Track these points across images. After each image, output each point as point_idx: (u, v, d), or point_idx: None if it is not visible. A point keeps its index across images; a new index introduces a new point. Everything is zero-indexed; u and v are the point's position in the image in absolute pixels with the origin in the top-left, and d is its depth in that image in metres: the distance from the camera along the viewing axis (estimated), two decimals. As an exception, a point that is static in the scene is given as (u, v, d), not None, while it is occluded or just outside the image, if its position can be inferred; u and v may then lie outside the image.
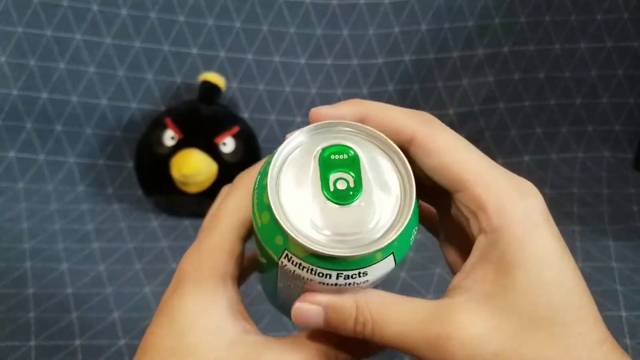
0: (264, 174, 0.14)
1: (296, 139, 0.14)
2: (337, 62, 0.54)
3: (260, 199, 0.13)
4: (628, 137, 0.58)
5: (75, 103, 0.52)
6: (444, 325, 0.13)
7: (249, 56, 0.53)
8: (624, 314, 0.34)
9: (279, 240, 0.13)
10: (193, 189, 0.44)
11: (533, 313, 0.13)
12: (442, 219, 0.17)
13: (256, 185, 0.14)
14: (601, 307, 0.39)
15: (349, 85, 0.54)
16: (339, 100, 0.54)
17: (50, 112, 0.52)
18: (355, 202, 0.13)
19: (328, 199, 0.13)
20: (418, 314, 0.13)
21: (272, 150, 0.15)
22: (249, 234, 0.17)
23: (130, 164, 0.52)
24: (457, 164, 0.14)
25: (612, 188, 0.53)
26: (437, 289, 0.37)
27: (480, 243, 0.13)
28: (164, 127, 0.45)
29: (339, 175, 0.13)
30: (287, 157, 0.14)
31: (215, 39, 0.53)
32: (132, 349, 0.31)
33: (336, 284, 0.13)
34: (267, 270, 0.16)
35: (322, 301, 0.14)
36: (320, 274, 0.13)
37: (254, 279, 0.22)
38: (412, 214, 0.13)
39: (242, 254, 0.17)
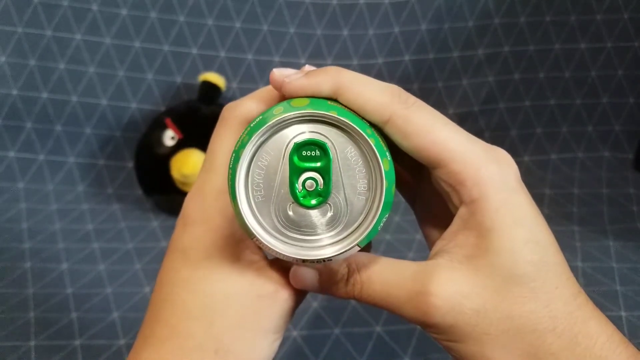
0: (236, 159, 0.14)
1: (272, 126, 0.13)
2: (337, 62, 0.54)
3: (232, 187, 0.14)
4: (628, 137, 0.58)
5: (75, 103, 0.52)
6: (425, 283, 0.13)
7: (249, 56, 0.53)
8: (623, 314, 0.34)
9: (248, 230, 0.14)
10: (193, 189, 0.44)
11: (512, 271, 0.13)
12: (420, 188, 0.17)
13: (230, 164, 0.14)
14: (601, 307, 0.39)
15: (349, 85, 0.54)
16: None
17: (51, 112, 0.52)
18: (322, 205, 0.13)
19: (296, 202, 0.13)
20: (402, 275, 0.14)
21: None
22: None
23: (130, 164, 0.52)
24: (435, 144, 0.14)
25: (612, 188, 0.53)
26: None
27: (461, 213, 0.14)
28: (164, 127, 0.45)
29: (309, 175, 0.13)
30: (259, 148, 0.13)
31: (215, 39, 0.53)
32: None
33: (305, 261, 0.14)
34: None
35: (317, 266, 0.15)
36: (289, 258, 0.14)
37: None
38: (379, 214, 0.13)
39: None
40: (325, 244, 0.13)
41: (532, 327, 0.13)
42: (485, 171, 0.14)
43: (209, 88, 0.49)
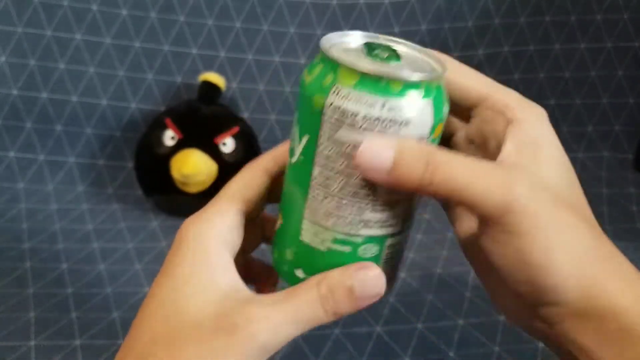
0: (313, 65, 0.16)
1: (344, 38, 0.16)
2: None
3: (311, 68, 0.15)
4: (628, 137, 0.58)
5: (75, 103, 0.52)
6: (509, 169, 0.15)
7: (249, 56, 0.53)
8: (623, 314, 0.34)
9: (328, 79, 0.14)
10: (193, 189, 0.44)
11: (559, 186, 0.15)
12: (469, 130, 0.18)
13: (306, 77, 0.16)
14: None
15: (349, 85, 0.54)
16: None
17: (51, 112, 0.52)
18: (396, 62, 0.16)
19: (373, 56, 0.15)
20: (488, 164, 0.15)
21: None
22: (251, 211, 0.18)
23: (130, 164, 0.52)
24: (482, 83, 0.17)
25: (611, 188, 0.53)
26: (437, 290, 0.37)
27: (512, 132, 0.15)
28: (164, 127, 0.45)
29: (381, 53, 0.16)
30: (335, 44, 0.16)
31: (216, 39, 0.53)
32: (132, 349, 0.31)
33: (379, 118, 0.14)
34: (298, 168, 0.16)
35: (392, 142, 0.14)
36: (367, 103, 0.14)
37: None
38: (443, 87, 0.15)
39: (240, 226, 0.17)
40: (409, 72, 0.15)
41: (575, 225, 0.15)
42: (525, 101, 0.16)
43: (209, 88, 0.49)
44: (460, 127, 0.18)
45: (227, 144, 0.45)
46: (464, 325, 0.33)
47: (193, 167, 0.42)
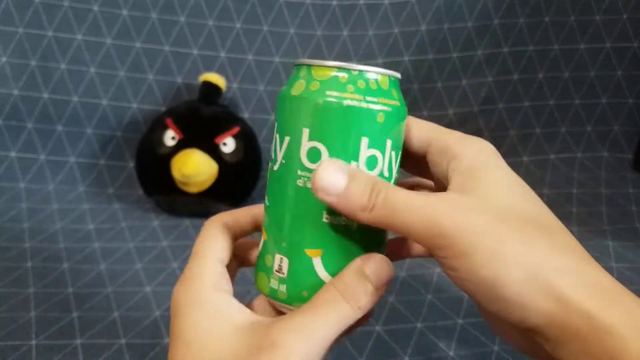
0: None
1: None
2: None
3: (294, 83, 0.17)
4: (627, 138, 0.58)
5: (76, 103, 0.52)
6: (439, 198, 0.15)
7: (250, 56, 0.53)
8: (622, 313, 0.34)
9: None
10: (194, 188, 0.44)
11: (503, 203, 0.15)
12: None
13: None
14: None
15: (349, 85, 0.54)
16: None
17: (51, 112, 0.52)
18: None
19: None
20: (422, 195, 0.15)
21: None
22: (229, 256, 0.19)
23: (131, 164, 0.52)
24: (424, 131, 0.18)
25: (611, 188, 0.53)
26: (437, 289, 0.37)
27: (453, 167, 0.16)
28: (164, 127, 0.45)
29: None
30: None
31: (216, 40, 0.53)
32: (133, 348, 0.31)
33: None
34: (284, 173, 0.17)
35: (346, 169, 0.15)
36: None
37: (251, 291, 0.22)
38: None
39: (222, 268, 0.18)
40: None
41: (528, 240, 0.14)
42: (465, 138, 0.17)
43: (210, 88, 0.49)
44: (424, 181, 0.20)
45: (228, 144, 0.45)
46: (463, 325, 0.33)
47: (193, 167, 0.42)
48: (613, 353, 0.13)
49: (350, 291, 0.16)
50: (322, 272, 0.16)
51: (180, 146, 0.44)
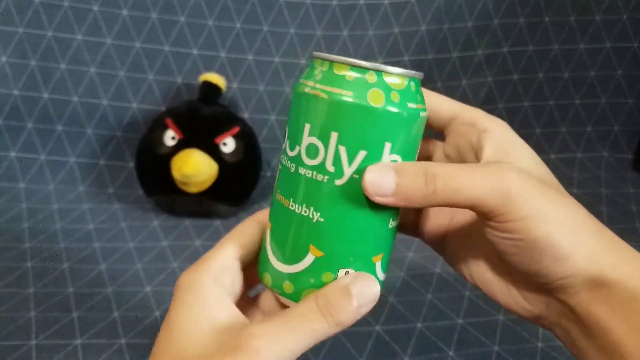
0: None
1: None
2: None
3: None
4: (627, 138, 0.58)
5: (76, 103, 0.52)
6: (500, 166, 0.16)
7: (249, 56, 0.53)
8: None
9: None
10: (194, 188, 0.44)
11: (541, 174, 0.17)
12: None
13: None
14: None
15: (349, 85, 0.54)
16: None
17: (51, 112, 0.52)
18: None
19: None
20: (479, 166, 0.16)
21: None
22: (247, 254, 0.19)
23: (131, 164, 0.52)
24: (450, 104, 0.19)
25: (610, 188, 0.53)
26: (437, 289, 0.37)
27: (486, 138, 0.17)
28: (164, 127, 0.46)
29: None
30: None
31: (216, 40, 0.53)
32: (133, 348, 0.31)
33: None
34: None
35: (391, 165, 0.16)
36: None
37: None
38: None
39: (235, 267, 0.18)
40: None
41: (580, 214, 0.16)
42: (489, 115, 0.18)
43: (210, 88, 0.49)
44: (438, 147, 0.20)
45: (228, 144, 0.45)
46: (463, 325, 0.33)
47: (193, 167, 0.42)
48: (634, 295, 0.14)
49: (330, 306, 0.16)
50: (381, 274, 0.17)
51: (180, 146, 0.44)
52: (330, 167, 0.16)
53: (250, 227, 0.19)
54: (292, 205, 0.16)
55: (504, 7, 0.54)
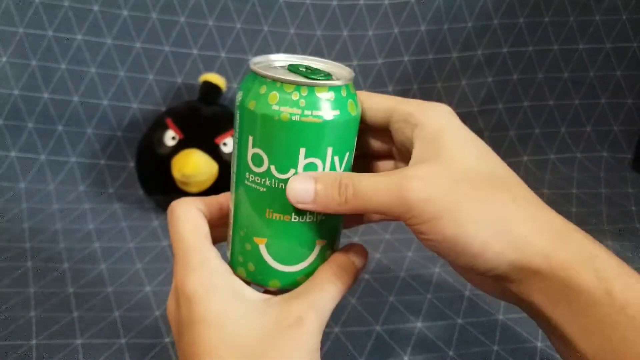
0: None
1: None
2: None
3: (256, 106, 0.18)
4: (626, 138, 0.58)
5: (76, 103, 0.52)
6: (403, 176, 0.16)
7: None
8: (622, 313, 0.34)
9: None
10: (194, 188, 0.44)
11: (472, 171, 0.17)
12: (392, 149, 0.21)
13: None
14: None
15: (349, 85, 0.55)
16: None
17: (52, 112, 0.52)
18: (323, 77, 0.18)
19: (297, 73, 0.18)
20: (386, 175, 0.17)
21: None
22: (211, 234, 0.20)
23: (131, 164, 0.52)
24: (385, 100, 0.19)
25: (610, 188, 0.53)
26: (437, 289, 0.37)
27: (416, 134, 0.18)
28: (165, 127, 0.46)
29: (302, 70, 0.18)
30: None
31: (216, 40, 0.53)
32: (133, 348, 0.31)
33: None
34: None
35: (313, 175, 0.17)
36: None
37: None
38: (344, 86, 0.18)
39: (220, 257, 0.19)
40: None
41: (499, 206, 0.16)
42: (424, 104, 0.18)
43: (210, 88, 0.49)
44: (386, 146, 0.21)
45: (228, 144, 0.45)
46: (463, 324, 0.34)
47: (194, 167, 0.42)
48: (569, 284, 0.15)
49: (342, 273, 0.18)
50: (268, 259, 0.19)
51: (180, 146, 0.44)
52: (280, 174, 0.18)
53: (197, 215, 0.20)
54: (294, 218, 0.18)
55: (503, 7, 0.54)
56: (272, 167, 0.17)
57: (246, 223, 0.19)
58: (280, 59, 0.20)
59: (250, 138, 0.18)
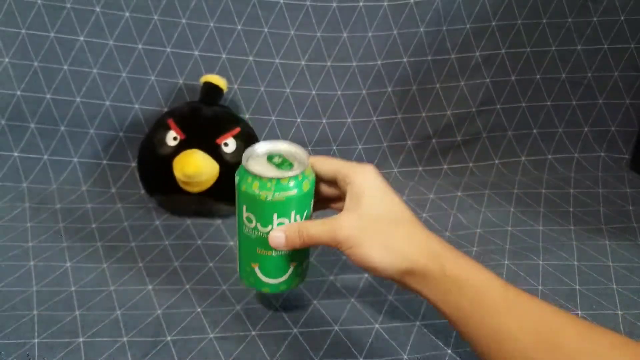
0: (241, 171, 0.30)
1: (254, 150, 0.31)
2: (336, 63, 0.54)
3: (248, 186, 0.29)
4: (624, 138, 0.59)
5: (78, 104, 0.53)
6: (334, 221, 0.27)
7: (250, 58, 0.54)
8: (620, 312, 0.35)
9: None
10: (195, 188, 0.45)
11: (378, 215, 0.27)
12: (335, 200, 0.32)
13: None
14: (597, 306, 0.39)
15: (348, 86, 0.55)
16: (338, 101, 0.55)
17: (54, 113, 0.52)
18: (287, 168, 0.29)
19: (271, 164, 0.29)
20: (325, 223, 0.27)
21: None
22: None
23: (133, 164, 0.53)
24: (331, 165, 0.29)
25: (608, 188, 0.53)
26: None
27: (348, 190, 0.28)
28: (166, 127, 0.46)
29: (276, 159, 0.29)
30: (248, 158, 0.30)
31: (217, 41, 0.53)
32: (135, 346, 0.32)
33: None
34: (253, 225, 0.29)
35: (282, 228, 0.28)
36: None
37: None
38: (302, 174, 0.28)
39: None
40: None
41: (391, 236, 0.27)
42: (356, 173, 0.28)
43: (211, 89, 0.49)
44: (337, 192, 0.30)
45: (229, 145, 0.46)
46: (462, 323, 0.34)
47: (195, 167, 0.43)
48: (428, 275, 0.25)
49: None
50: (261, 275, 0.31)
51: (181, 146, 0.44)
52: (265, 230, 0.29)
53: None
54: (274, 253, 0.30)
55: (501, 9, 0.55)
56: (258, 224, 0.28)
57: (246, 255, 0.30)
58: (262, 147, 0.30)
59: (244, 206, 0.29)
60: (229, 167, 0.45)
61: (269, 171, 0.28)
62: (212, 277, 0.39)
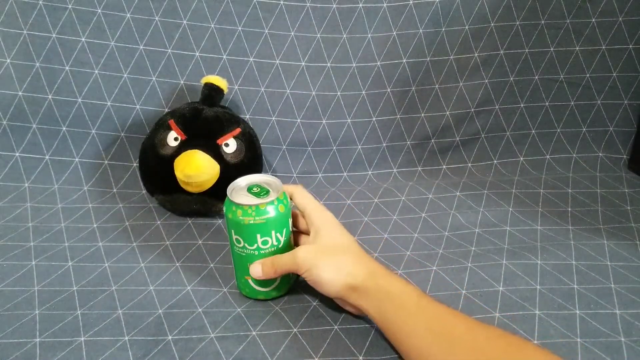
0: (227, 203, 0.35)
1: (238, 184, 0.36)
2: (336, 64, 0.55)
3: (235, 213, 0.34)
4: (622, 138, 0.59)
5: (80, 104, 0.53)
6: (296, 251, 0.33)
7: (251, 59, 0.54)
8: (618, 311, 0.35)
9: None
10: (196, 188, 0.45)
11: (330, 245, 0.34)
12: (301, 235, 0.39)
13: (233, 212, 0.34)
14: (595, 305, 0.39)
15: (348, 87, 0.55)
16: (338, 102, 0.55)
17: (56, 113, 0.53)
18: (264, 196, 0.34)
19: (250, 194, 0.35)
20: (289, 254, 0.33)
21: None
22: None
23: (134, 164, 0.53)
24: (303, 201, 0.36)
25: (606, 188, 0.54)
26: (434, 287, 0.38)
27: (310, 225, 0.35)
28: (167, 128, 0.46)
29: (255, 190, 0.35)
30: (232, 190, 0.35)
31: (218, 42, 0.53)
32: (136, 345, 0.32)
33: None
34: (243, 252, 0.35)
35: (260, 261, 0.34)
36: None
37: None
38: (277, 199, 0.34)
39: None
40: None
41: (339, 260, 0.33)
42: (317, 213, 0.35)
43: (212, 90, 0.49)
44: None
45: (230, 145, 0.46)
46: (461, 322, 0.34)
47: (196, 167, 0.43)
48: (366, 290, 0.31)
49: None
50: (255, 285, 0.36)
51: (182, 147, 0.45)
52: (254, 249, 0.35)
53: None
54: None
55: (500, 10, 0.55)
56: (246, 244, 0.34)
57: (239, 269, 0.36)
58: (243, 181, 0.35)
59: (232, 231, 0.34)
60: (230, 167, 0.45)
61: (250, 200, 0.33)
62: (213, 277, 0.39)
